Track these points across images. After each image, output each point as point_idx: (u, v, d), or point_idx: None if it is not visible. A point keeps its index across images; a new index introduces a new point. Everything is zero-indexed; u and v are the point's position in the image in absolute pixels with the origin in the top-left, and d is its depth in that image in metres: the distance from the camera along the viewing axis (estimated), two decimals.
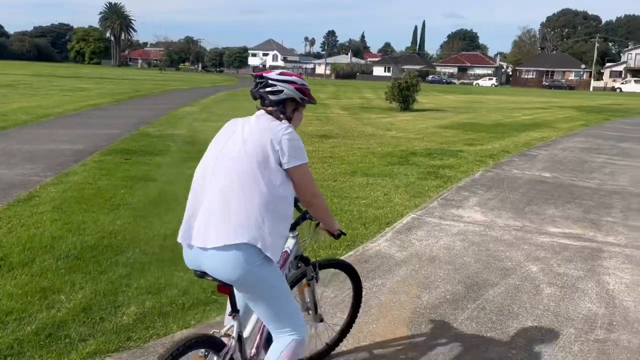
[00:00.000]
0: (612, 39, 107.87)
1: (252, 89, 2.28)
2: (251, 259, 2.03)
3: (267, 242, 2.04)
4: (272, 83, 2.24)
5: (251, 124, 2.20)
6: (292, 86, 2.26)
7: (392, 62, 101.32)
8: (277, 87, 2.24)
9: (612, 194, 7.62)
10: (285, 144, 2.12)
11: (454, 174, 8.72)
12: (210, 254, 2.04)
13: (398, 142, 12.41)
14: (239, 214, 2.03)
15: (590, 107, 30.61)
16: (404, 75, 22.57)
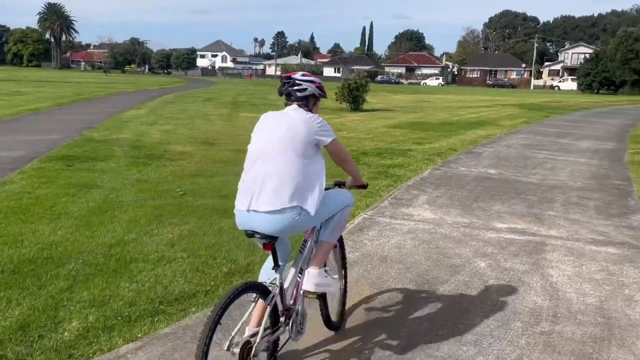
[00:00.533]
0: (549, 39, 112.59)
1: (281, 87, 2.87)
2: (293, 216, 2.62)
3: (307, 203, 2.65)
4: (299, 82, 2.85)
5: (290, 115, 2.79)
6: (313, 85, 2.87)
7: (341, 62, 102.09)
8: (303, 85, 2.84)
9: (554, 189, 7.92)
10: (319, 130, 2.76)
11: (403, 172, 8.84)
12: (263, 216, 2.60)
13: (349, 143, 12.48)
14: (285, 184, 2.61)
15: (531, 105, 31.82)
16: (354, 76, 22.76)
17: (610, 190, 7.93)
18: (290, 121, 2.75)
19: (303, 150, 2.69)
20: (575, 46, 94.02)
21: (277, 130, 2.74)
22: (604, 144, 14.04)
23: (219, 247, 4.94)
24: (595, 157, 11.42)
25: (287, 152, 2.67)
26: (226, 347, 2.44)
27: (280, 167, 2.65)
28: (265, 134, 2.78)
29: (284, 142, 2.70)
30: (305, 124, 2.74)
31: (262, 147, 2.75)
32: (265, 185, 2.63)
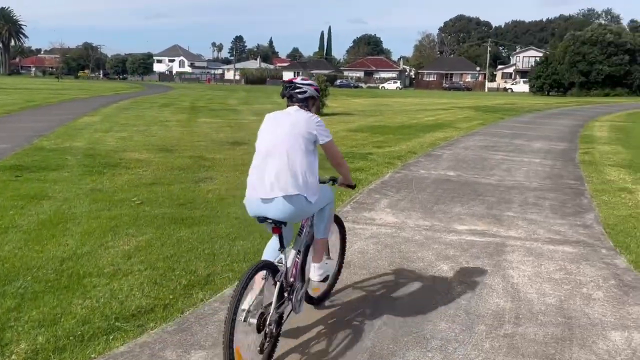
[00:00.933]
0: (502, 43, 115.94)
1: (283, 91, 3.26)
2: (300, 203, 3.04)
3: (309, 193, 3.07)
4: (299, 86, 3.24)
5: (292, 115, 3.17)
6: (311, 87, 3.28)
7: (301, 67, 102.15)
8: (303, 88, 3.23)
9: (511, 190, 8.08)
10: (318, 129, 3.14)
11: (365, 176, 8.85)
12: (274, 202, 3.01)
13: None
14: (291, 176, 3.01)
15: (486, 107, 32.63)
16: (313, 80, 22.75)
17: (564, 190, 8.15)
18: (293, 120, 3.14)
19: (305, 145, 3.09)
20: (526, 50, 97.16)
21: (282, 128, 3.12)
22: (556, 144, 14.48)
23: (177, 258, 4.79)
24: (549, 157, 11.75)
25: (291, 147, 3.06)
26: (243, 318, 2.79)
27: (286, 160, 3.04)
28: (271, 131, 3.16)
29: (289, 138, 3.08)
30: (306, 122, 3.13)
31: (270, 143, 3.12)
32: (273, 176, 3.02)
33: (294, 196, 3.02)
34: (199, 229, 5.68)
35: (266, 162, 3.08)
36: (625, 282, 4.35)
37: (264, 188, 3.05)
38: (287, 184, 3.01)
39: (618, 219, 6.40)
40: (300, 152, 3.07)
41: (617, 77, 60.14)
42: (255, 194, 3.09)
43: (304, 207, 3.10)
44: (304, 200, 3.06)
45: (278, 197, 3.01)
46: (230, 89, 65.74)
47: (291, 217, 3.08)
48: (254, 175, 3.14)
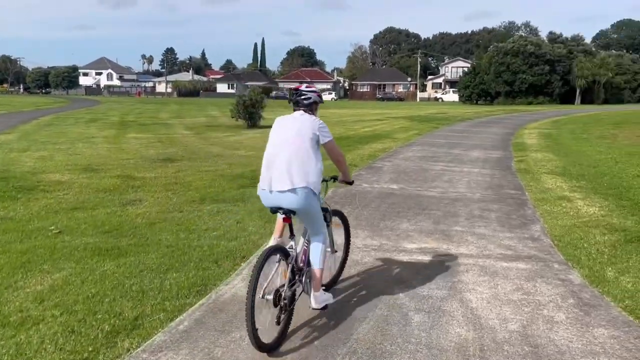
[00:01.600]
0: (431, 54, 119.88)
1: (290, 97, 3.73)
2: (308, 195, 3.49)
3: (315, 186, 3.52)
4: (304, 93, 3.72)
5: (298, 119, 3.63)
6: (315, 94, 3.76)
7: (235, 78, 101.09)
8: (307, 95, 3.71)
9: (455, 202, 7.95)
10: (321, 130, 3.60)
11: None
12: (286, 194, 3.45)
13: (248, 162, 11.93)
14: (300, 170, 3.45)
15: (421, 117, 33.27)
16: (248, 92, 22.24)
17: (507, 200, 8.12)
18: (300, 123, 3.63)
19: (310, 144, 3.56)
20: (453, 61, 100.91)
21: (290, 130, 3.60)
22: (491, 153, 14.73)
23: (100, 298, 4.19)
24: (487, 167, 11.86)
25: (299, 146, 3.53)
26: (261, 295, 3.24)
27: (294, 157, 3.50)
28: (281, 133, 3.63)
29: (296, 139, 3.55)
30: (310, 124, 3.61)
31: (280, 143, 3.58)
32: (285, 171, 3.48)
33: (302, 188, 3.50)
34: (126, 261, 5.09)
35: (277, 159, 3.55)
36: (584, 301, 4.18)
37: (277, 182, 3.50)
38: (296, 177, 3.48)
39: (563, 229, 6.36)
40: (306, 151, 3.55)
41: (539, 86, 63.45)
42: (269, 187, 3.54)
43: (311, 198, 3.57)
44: (310, 191, 3.54)
45: (289, 190, 3.48)
46: (162, 102, 63.78)
47: (300, 206, 3.54)
48: (266, 170, 3.59)
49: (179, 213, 7.08)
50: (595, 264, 5.08)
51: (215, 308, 4.04)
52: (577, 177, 10.19)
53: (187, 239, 5.88)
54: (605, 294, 4.32)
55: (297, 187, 3.46)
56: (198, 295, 4.31)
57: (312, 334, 3.65)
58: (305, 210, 3.56)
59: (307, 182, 3.49)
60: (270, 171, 3.55)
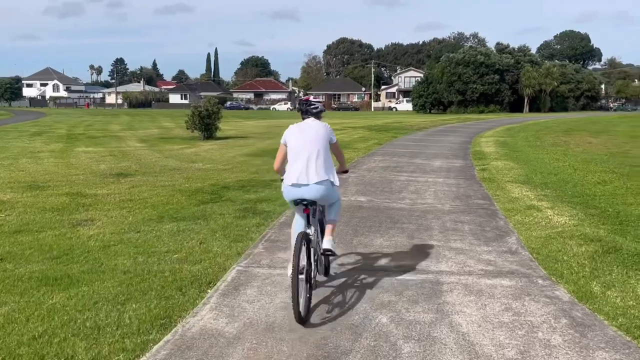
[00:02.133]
0: (384, 64, 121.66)
1: (301, 107, 4.46)
2: (329, 186, 4.22)
3: (334, 178, 4.29)
4: (313, 103, 4.44)
5: (312, 125, 4.32)
6: (320, 104, 4.49)
7: (188, 89, 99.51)
8: (315, 105, 4.43)
9: (426, 214, 7.74)
10: (331, 133, 4.36)
11: (272, 208, 8.08)
12: (310, 187, 4.13)
13: (207, 175, 11.42)
14: (321, 166, 4.17)
15: (378, 126, 33.40)
16: (204, 102, 21.63)
17: (477, 211, 7.97)
18: (314, 128, 4.28)
19: (325, 144, 4.23)
20: (406, 70, 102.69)
21: (308, 134, 4.23)
22: (452, 162, 14.74)
23: (49, 338, 3.69)
24: (451, 176, 11.78)
25: (317, 146, 4.18)
26: (298, 273, 3.82)
27: (315, 155, 4.14)
28: (299, 137, 4.24)
29: (315, 141, 4.19)
30: (324, 128, 4.31)
31: (300, 145, 4.19)
32: (307, 168, 4.11)
33: (324, 180, 4.17)
34: (78, 291, 4.57)
35: (300, 158, 4.18)
36: (577, 320, 3.98)
37: (301, 177, 4.13)
38: (318, 172, 4.15)
39: (539, 241, 6.22)
40: (323, 150, 4.23)
41: (489, 95, 65.22)
42: (295, 181, 4.14)
43: (330, 189, 4.26)
44: (330, 183, 4.23)
45: (312, 183, 4.13)
46: (112, 113, 61.89)
47: (322, 197, 4.21)
48: (292, 169, 4.19)
49: (135, 233, 6.55)
50: (579, 278, 4.92)
51: (183, 345, 3.59)
52: (541, 186, 10.22)
53: (146, 263, 5.39)
54: (597, 312, 4.14)
55: (322, 180, 4.16)
56: (162, 330, 3.85)
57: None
58: (326, 198, 4.30)
59: (328, 176, 4.23)
60: (295, 169, 4.18)
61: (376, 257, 5.59)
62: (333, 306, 4.27)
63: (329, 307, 4.26)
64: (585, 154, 16.59)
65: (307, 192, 4.14)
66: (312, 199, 4.15)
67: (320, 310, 4.20)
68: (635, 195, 9.06)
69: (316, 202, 4.21)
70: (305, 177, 4.13)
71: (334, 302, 4.37)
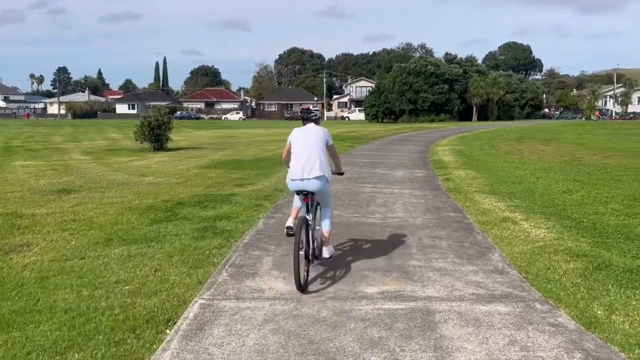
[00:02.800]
0: (335, 74, 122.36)
1: (302, 114, 5.35)
2: (325, 181, 5.03)
3: (328, 175, 5.10)
4: (313, 111, 5.34)
5: (312, 129, 5.19)
6: (318, 112, 5.45)
7: (136, 99, 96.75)
8: (314, 112, 5.35)
9: (400, 229, 7.27)
10: (328, 136, 5.22)
11: (234, 226, 7.41)
12: (312, 181, 4.95)
13: (159, 190, 10.59)
14: (319, 164, 4.97)
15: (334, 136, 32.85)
16: (153, 112, 20.62)
17: (452, 225, 7.58)
18: (314, 132, 5.16)
19: (322, 146, 5.11)
20: (357, 80, 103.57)
21: (309, 137, 5.12)
22: (414, 171, 14.46)
23: None
24: (416, 187, 11.44)
25: (317, 148, 5.06)
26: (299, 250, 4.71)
27: (315, 156, 5.01)
28: (301, 140, 5.12)
29: (315, 143, 5.07)
30: (322, 132, 5.19)
31: (303, 146, 5.07)
32: (309, 165, 4.98)
33: (321, 176, 4.98)
34: (8, 338, 3.81)
35: (301, 157, 4.99)
36: (592, 354, 3.55)
37: (304, 172, 4.94)
38: (317, 169, 4.95)
39: (524, 258, 5.85)
40: (322, 151, 5.05)
41: (440, 104, 66.42)
42: (297, 176, 4.96)
43: (326, 184, 5.07)
44: (325, 179, 5.03)
45: (312, 178, 4.94)
46: (55, 124, 59.09)
47: (319, 189, 5.02)
48: (296, 165, 4.99)
49: (79, 260, 5.76)
50: (577, 300, 4.54)
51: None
52: (509, 196, 9.99)
53: (92, 297, 4.65)
54: (610, 342, 3.73)
55: (319, 175, 4.95)
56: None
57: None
58: (322, 191, 5.09)
59: (324, 172, 5.01)
60: (299, 166, 4.97)
61: (355, 282, 5.04)
62: (315, 345, 3.68)
63: (306, 344, 3.67)
64: (542, 162, 16.71)
65: (308, 185, 4.99)
66: (311, 191, 5.02)
67: (296, 346, 3.60)
68: (604, 204, 8.94)
69: (314, 193, 5.05)
70: (307, 172, 4.97)
71: (313, 338, 3.78)
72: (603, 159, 17.75)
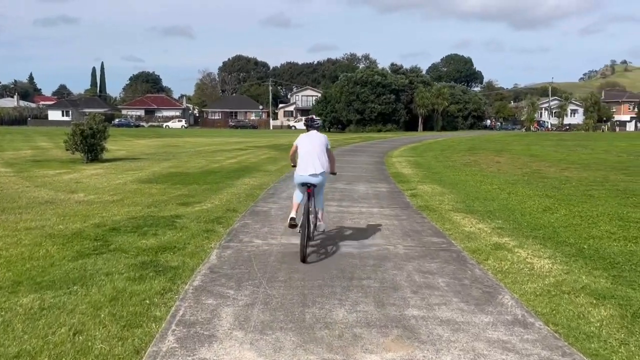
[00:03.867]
0: (280, 83, 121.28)
1: (307, 122, 6.78)
2: (323, 176, 6.39)
3: (328, 171, 6.53)
4: (316, 120, 6.78)
5: (316, 135, 6.53)
6: (319, 120, 6.88)
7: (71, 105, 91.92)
8: (317, 121, 6.77)
9: (383, 262, 6.13)
10: (327, 142, 6.60)
11: (180, 260, 6.04)
12: (316, 176, 6.24)
13: (90, 211, 9.01)
14: (321, 163, 6.33)
15: (284, 146, 31.82)
16: (87, 120, 18.66)
17: (439, 254, 6.52)
18: (317, 138, 6.50)
19: (323, 149, 6.41)
20: (303, 89, 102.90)
21: (314, 141, 6.43)
22: (376, 186, 13.45)
23: None
24: (384, 204, 10.39)
25: (320, 150, 6.36)
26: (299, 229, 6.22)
27: (318, 156, 6.30)
28: (307, 143, 6.42)
29: (318, 145, 6.39)
30: (324, 138, 6.56)
31: (309, 148, 6.37)
32: (313, 163, 6.25)
33: (323, 172, 6.36)
34: None
35: (307, 157, 6.35)
36: None
37: (311, 169, 6.27)
38: (320, 167, 6.32)
39: (542, 301, 4.84)
40: (323, 153, 6.44)
41: (387, 114, 66.51)
42: (305, 172, 6.29)
43: (324, 179, 6.47)
44: (325, 174, 6.43)
45: (317, 173, 6.28)
46: None
47: (320, 182, 6.36)
48: (302, 163, 6.35)
49: None
50: None
51: None
52: (488, 215, 9.10)
53: None
54: None
55: (321, 172, 6.33)
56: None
57: None
58: (321, 183, 6.44)
59: (325, 169, 6.39)
60: (305, 164, 6.33)
61: (346, 348, 3.83)
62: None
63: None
64: (504, 175, 16.15)
65: (312, 179, 6.24)
66: (314, 183, 6.24)
67: None
68: (595, 226, 8.18)
69: (316, 185, 6.27)
70: (312, 169, 6.25)
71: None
72: (561, 171, 17.43)
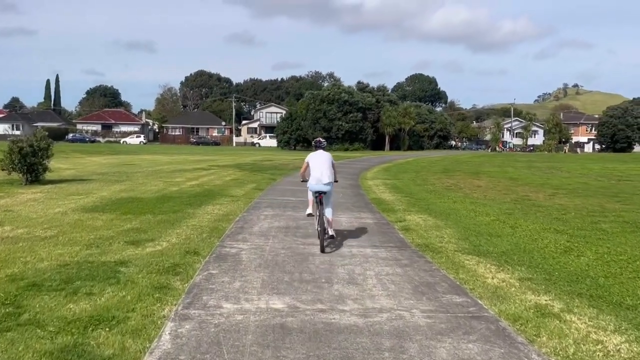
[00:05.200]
0: (244, 99, 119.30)
1: (315, 143, 8.95)
2: (332, 185, 8.53)
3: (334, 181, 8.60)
4: (322, 142, 8.98)
5: (324, 154, 8.65)
6: (325, 142, 9.19)
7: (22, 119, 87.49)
8: (323, 143, 8.97)
9: (401, 341, 4.46)
10: (332, 159, 8.73)
11: (119, 343, 4.22)
12: (325, 185, 8.32)
13: (10, 254, 7.05)
14: (329, 174, 8.41)
15: (249, 165, 30.00)
16: (26, 136, 16.41)
17: (474, 327, 4.91)
18: (324, 155, 8.55)
19: (330, 164, 8.48)
20: (267, 106, 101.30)
21: (322, 158, 8.47)
22: (360, 216, 11.83)
23: None
24: (376, 242, 8.76)
25: (328, 165, 8.42)
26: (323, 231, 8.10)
27: (327, 170, 8.35)
28: (317, 160, 8.41)
29: (326, 161, 8.43)
30: (329, 156, 8.64)
31: (319, 163, 8.37)
32: (323, 175, 8.26)
33: (331, 182, 8.34)
34: None
35: (318, 171, 8.26)
36: None
37: (323, 179, 8.20)
38: (328, 177, 8.23)
39: None
40: (331, 167, 8.42)
41: (354, 132, 65.33)
42: (318, 182, 8.21)
43: (332, 187, 8.45)
44: (332, 184, 8.36)
45: (328, 183, 8.24)
46: None
47: (329, 190, 8.28)
48: (314, 176, 8.28)
49: None
50: None
51: None
52: (504, 259, 7.59)
53: None
54: None
55: (330, 182, 8.29)
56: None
57: None
58: (330, 191, 8.37)
59: (332, 180, 8.40)
60: (317, 176, 8.23)
61: None
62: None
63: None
64: (493, 202, 14.83)
65: (323, 187, 8.23)
66: (325, 191, 8.25)
67: None
68: (637, 275, 6.76)
69: (326, 193, 8.26)
70: (323, 179, 8.25)
71: None
72: (550, 197, 16.28)
